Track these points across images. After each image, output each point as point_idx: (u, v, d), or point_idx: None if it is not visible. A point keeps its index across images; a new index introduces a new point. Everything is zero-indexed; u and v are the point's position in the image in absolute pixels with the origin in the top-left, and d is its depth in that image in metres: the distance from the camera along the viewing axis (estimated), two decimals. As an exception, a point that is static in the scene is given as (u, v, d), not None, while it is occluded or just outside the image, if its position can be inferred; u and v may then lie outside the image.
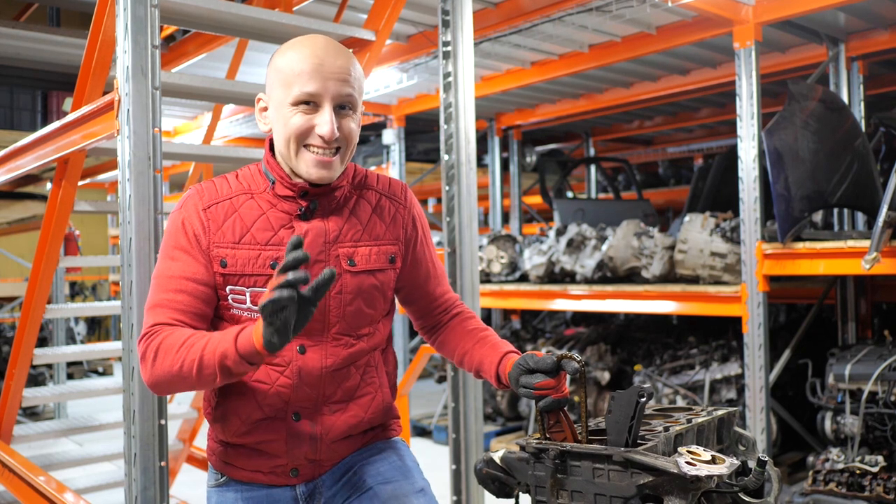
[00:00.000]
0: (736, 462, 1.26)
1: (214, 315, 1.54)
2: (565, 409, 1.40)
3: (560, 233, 5.49)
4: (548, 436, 1.39)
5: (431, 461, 5.31)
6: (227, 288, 1.50)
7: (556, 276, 5.40)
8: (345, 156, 1.52)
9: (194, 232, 1.49)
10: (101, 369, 10.17)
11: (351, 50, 3.02)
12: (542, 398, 1.39)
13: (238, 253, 1.49)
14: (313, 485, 1.60)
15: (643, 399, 1.28)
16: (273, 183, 1.53)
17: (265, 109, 1.55)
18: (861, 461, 3.73)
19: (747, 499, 1.30)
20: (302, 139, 1.48)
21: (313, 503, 1.60)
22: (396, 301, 1.72)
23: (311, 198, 1.52)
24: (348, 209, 1.56)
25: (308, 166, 1.48)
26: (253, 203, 1.52)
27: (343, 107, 1.49)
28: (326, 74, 1.46)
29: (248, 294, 1.49)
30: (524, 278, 5.76)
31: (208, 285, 1.49)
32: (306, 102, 1.46)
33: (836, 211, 4.92)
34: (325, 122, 1.46)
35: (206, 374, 1.36)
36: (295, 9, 3.40)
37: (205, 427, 3.87)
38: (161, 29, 2.25)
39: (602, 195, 8.69)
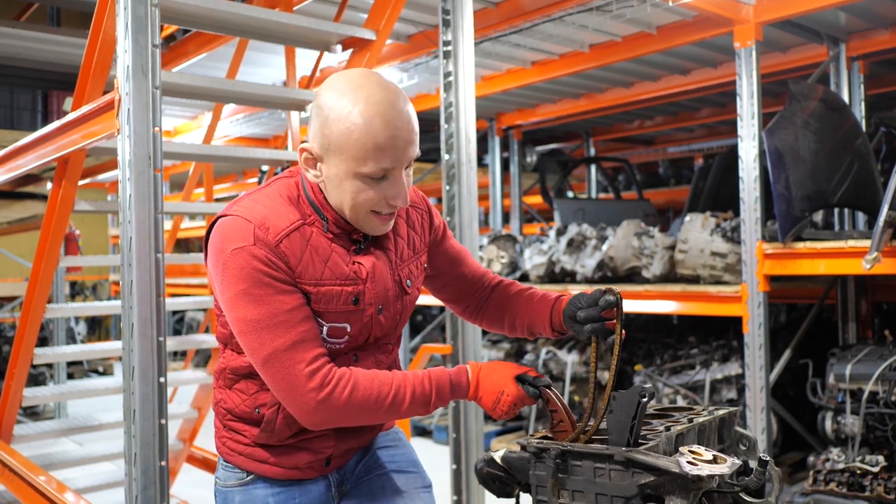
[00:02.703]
0: (737, 462, 1.26)
1: None
2: (568, 407, 1.43)
3: (560, 232, 5.49)
4: (551, 435, 1.42)
5: (432, 461, 5.29)
6: None
7: (556, 275, 5.40)
8: None
9: (286, 263, 1.41)
10: (101, 369, 10.17)
11: (352, 49, 3.04)
12: (594, 329, 1.46)
13: (321, 290, 1.45)
14: (343, 471, 1.65)
15: (645, 399, 1.28)
16: (326, 221, 1.49)
17: (312, 161, 1.45)
18: (862, 461, 3.73)
19: (748, 498, 1.30)
20: (372, 207, 1.44)
21: (343, 488, 1.66)
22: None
23: (362, 233, 1.52)
24: (391, 231, 1.58)
25: (375, 226, 1.48)
26: (318, 237, 1.47)
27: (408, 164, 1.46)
28: (401, 144, 1.39)
29: (325, 328, 1.48)
30: (524, 278, 5.76)
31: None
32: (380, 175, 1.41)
33: (836, 211, 4.91)
34: (399, 193, 1.44)
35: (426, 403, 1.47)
36: (295, 8, 3.40)
37: (205, 427, 3.87)
38: (161, 28, 2.25)
39: (602, 195, 8.68)
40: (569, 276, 5.32)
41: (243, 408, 1.56)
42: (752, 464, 1.30)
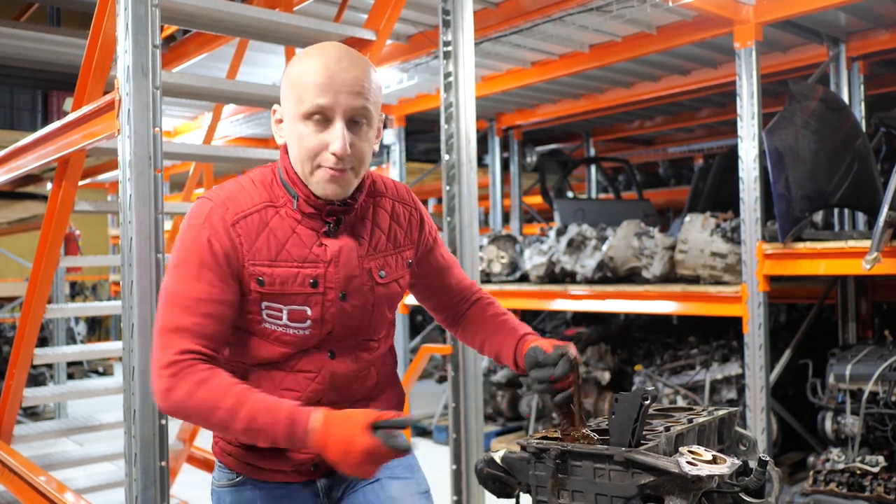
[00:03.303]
0: (737, 462, 1.26)
1: (242, 328, 1.51)
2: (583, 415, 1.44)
3: (560, 233, 5.49)
4: (565, 428, 1.41)
5: (432, 461, 5.29)
6: (262, 304, 1.48)
7: (556, 276, 5.40)
8: (358, 172, 1.50)
9: (225, 251, 1.43)
10: (101, 369, 10.17)
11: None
12: (543, 390, 1.43)
13: (276, 271, 1.46)
14: (332, 478, 1.63)
15: (647, 402, 1.28)
16: (296, 199, 1.50)
17: (280, 121, 1.53)
18: (861, 461, 3.73)
19: (748, 499, 1.30)
20: (316, 158, 1.45)
21: (332, 494, 1.64)
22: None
23: (336, 214, 1.52)
24: (369, 220, 1.58)
25: (321, 182, 1.46)
26: (281, 218, 1.49)
27: (356, 121, 1.46)
28: (337, 87, 1.43)
29: (285, 311, 1.48)
30: (524, 278, 5.76)
31: (232, 307, 1.45)
32: (318, 116, 1.43)
33: (836, 211, 4.92)
34: (336, 137, 1.43)
35: (241, 433, 1.39)
36: (295, 9, 3.40)
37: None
38: (161, 29, 2.25)
39: (602, 195, 8.69)
40: (569, 277, 5.32)
41: None
42: (752, 464, 1.30)
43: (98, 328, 11.97)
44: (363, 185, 1.56)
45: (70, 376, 8.70)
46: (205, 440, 3.73)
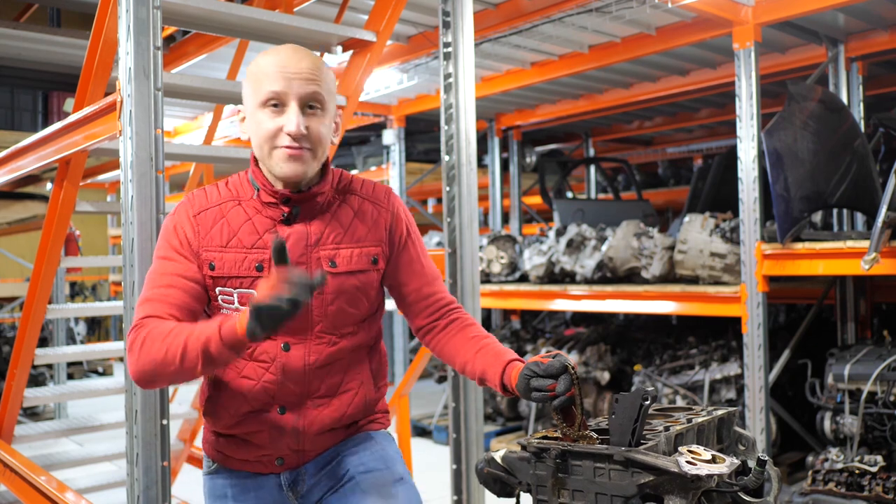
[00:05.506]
0: (736, 461, 1.27)
1: (208, 315, 1.63)
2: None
3: (560, 233, 5.50)
4: (565, 431, 1.40)
5: (432, 461, 5.31)
6: (217, 289, 1.58)
7: (555, 276, 5.41)
8: (316, 153, 1.57)
9: (185, 235, 1.58)
10: (100, 369, 10.18)
11: (352, 51, 3.05)
12: (542, 398, 1.41)
13: (225, 256, 1.57)
14: (296, 472, 1.68)
15: (647, 402, 1.29)
16: (258, 190, 1.60)
17: (244, 120, 1.63)
18: (860, 461, 3.74)
19: (747, 498, 1.31)
20: (273, 140, 1.54)
21: (296, 489, 1.68)
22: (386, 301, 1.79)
23: (293, 204, 1.59)
24: (330, 213, 1.62)
25: (280, 162, 1.55)
26: (240, 209, 1.60)
27: (311, 106, 1.56)
28: (290, 74, 1.54)
29: (235, 295, 1.58)
30: (524, 278, 5.77)
31: (199, 283, 1.57)
32: (274, 103, 1.54)
33: (835, 211, 4.93)
34: (290, 119, 1.53)
35: (189, 360, 1.40)
36: (296, 10, 3.41)
37: (205, 427, 3.88)
38: (162, 29, 2.26)
39: (602, 195, 8.69)
40: (568, 277, 5.33)
41: (203, 388, 1.68)
42: (751, 463, 1.31)
43: (98, 328, 11.98)
44: (325, 177, 1.62)
45: (70, 376, 8.71)
46: (205, 440, 3.74)
